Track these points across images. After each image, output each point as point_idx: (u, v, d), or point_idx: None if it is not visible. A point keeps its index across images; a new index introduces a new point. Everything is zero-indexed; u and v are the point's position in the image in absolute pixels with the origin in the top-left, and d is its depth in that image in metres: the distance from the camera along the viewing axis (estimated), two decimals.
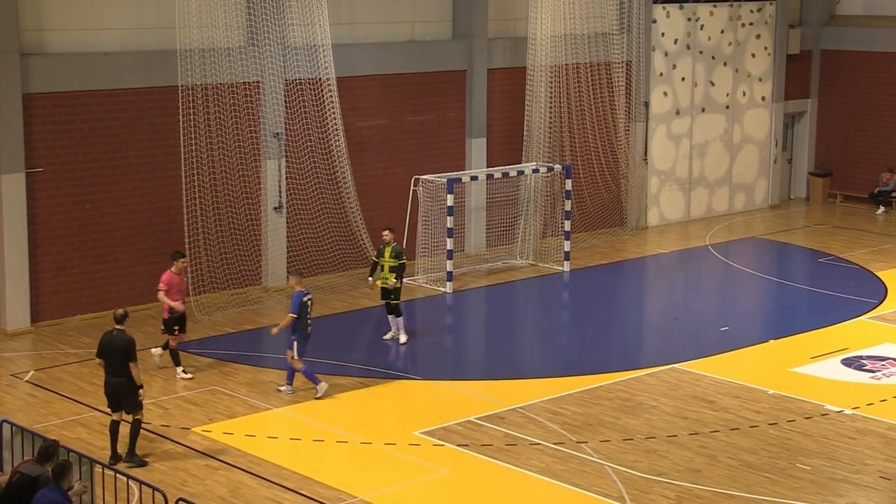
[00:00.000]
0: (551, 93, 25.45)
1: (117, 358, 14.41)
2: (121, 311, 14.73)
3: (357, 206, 22.63)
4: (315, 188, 22.48)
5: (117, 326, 14.59)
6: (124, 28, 20.54)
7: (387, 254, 19.10)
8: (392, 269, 19.06)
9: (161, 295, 17.31)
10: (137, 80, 20.47)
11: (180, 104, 20.45)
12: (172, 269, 17.43)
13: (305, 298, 16.82)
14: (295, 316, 16.69)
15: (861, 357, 18.81)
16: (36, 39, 19.67)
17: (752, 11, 29.26)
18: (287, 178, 22.19)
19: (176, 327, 17.51)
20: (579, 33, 25.82)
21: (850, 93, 30.58)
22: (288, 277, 17.90)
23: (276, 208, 22.09)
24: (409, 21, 24.23)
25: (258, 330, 19.97)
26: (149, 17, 20.72)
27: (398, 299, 19.36)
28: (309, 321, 16.87)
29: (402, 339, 19.45)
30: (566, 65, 25.70)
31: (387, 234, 19.21)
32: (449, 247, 22.50)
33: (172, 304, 17.30)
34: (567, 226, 24.32)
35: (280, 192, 22.08)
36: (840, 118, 30.79)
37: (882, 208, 29.79)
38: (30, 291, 19.77)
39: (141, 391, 14.51)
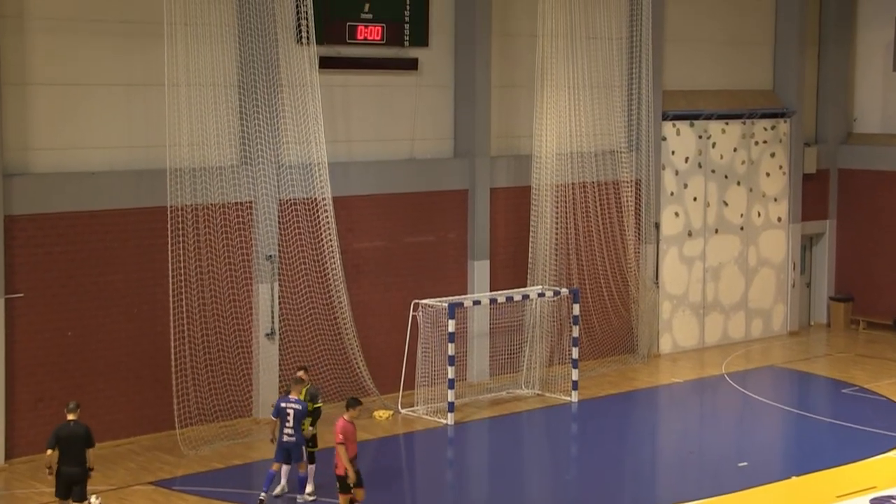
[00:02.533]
0: (557, 213, 25.73)
1: (79, 448, 16.24)
2: (73, 402, 16.67)
3: (353, 333, 22.72)
4: (309, 313, 22.59)
5: (71, 417, 16.41)
6: (112, 147, 20.89)
7: (301, 397, 18.47)
8: (308, 414, 18.42)
9: (341, 449, 16.60)
10: (125, 201, 20.77)
11: (169, 225, 20.68)
12: (346, 416, 16.94)
13: (283, 404, 17.88)
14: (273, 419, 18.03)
15: (891, 497, 18.68)
16: (20, 160, 19.98)
17: (765, 129, 29.75)
18: (280, 303, 22.32)
19: (353, 486, 16.76)
20: (586, 151, 26.23)
21: (870, 213, 30.91)
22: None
23: (268, 335, 22.17)
24: (408, 139, 24.64)
25: (248, 465, 19.86)
26: (138, 135, 21.09)
27: (315, 446, 18.66)
28: (288, 429, 17.84)
29: (309, 489, 18.37)
30: (572, 184, 26.04)
31: (301, 374, 18.88)
32: (450, 375, 22.51)
33: (347, 463, 16.60)
34: (575, 353, 24.37)
35: (272, 317, 22.19)
36: (860, 240, 31.07)
37: None
38: (5, 425, 19.72)
39: (91, 473, 16.43)
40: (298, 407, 17.93)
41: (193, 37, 20.89)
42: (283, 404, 17.91)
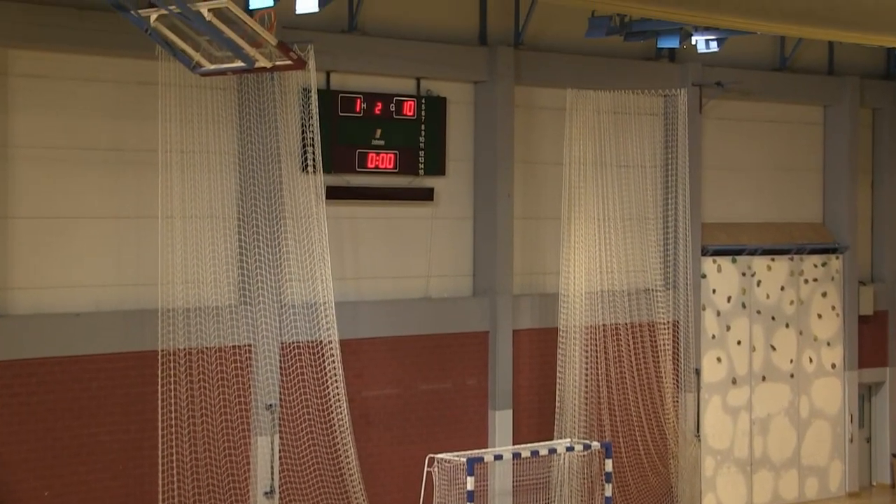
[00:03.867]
0: (587, 357, 25.69)
1: None
2: None
3: (362, 490, 22.52)
4: (313, 469, 22.42)
5: None
6: (99, 285, 20.99)
7: None
8: None
9: None
10: (112, 345, 20.76)
11: (160, 371, 20.69)
12: None
13: None
14: None
15: None
16: None
17: (815, 266, 29.84)
18: (281, 458, 22.16)
19: None
20: (618, 290, 26.30)
21: None
22: None
23: (267, 493, 21.99)
24: (423, 276, 24.75)
25: None
26: (127, 272, 21.22)
27: None
28: None
29: None
30: (604, 325, 26.05)
31: None
32: None
33: None
34: None
35: (272, 473, 22.02)
36: None
37: None
38: None
39: None
40: None
41: (190, 165, 21.18)
42: None
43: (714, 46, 24.78)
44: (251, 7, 18.14)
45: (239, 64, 17.96)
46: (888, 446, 31.26)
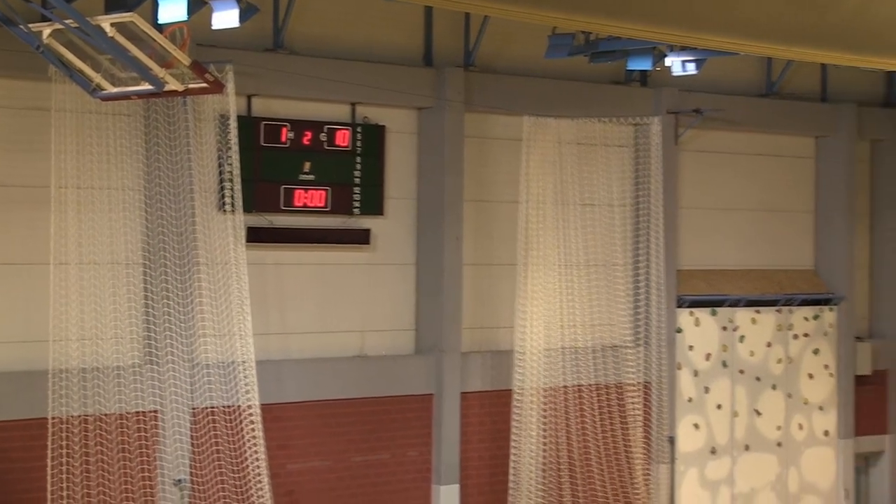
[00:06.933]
0: (546, 424, 25.63)
1: None
2: None
3: None
4: None
5: None
6: None
7: None
8: None
9: None
10: None
11: (49, 443, 20.39)
12: None
13: None
14: None
15: None
16: None
17: (806, 319, 29.94)
18: None
19: None
20: (581, 346, 26.29)
21: None
22: None
23: None
24: (357, 331, 24.67)
25: None
26: (13, 328, 20.97)
27: None
28: None
29: None
30: (565, 387, 26.02)
31: None
32: None
33: None
34: None
35: None
36: None
37: None
38: None
39: None
40: None
41: (88, 203, 21.01)
42: None
43: (692, 69, 24.85)
44: (160, 21, 18.11)
45: (146, 87, 17.83)
46: None
